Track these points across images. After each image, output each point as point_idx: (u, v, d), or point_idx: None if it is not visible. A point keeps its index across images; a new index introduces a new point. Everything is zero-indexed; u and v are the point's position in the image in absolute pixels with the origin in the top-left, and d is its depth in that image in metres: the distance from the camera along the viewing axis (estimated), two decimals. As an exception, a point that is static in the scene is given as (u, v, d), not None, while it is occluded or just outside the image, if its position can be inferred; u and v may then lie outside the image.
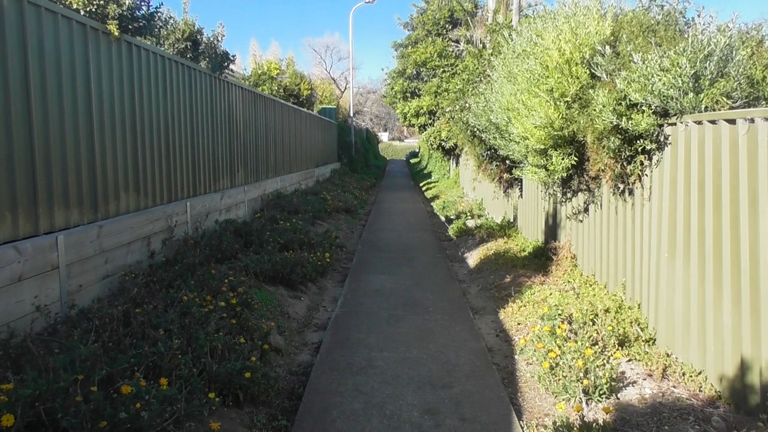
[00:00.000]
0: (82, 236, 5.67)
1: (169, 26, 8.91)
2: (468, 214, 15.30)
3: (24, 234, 4.94)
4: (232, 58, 10.38)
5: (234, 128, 11.22)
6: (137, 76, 7.05)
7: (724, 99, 4.68)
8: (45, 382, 3.51)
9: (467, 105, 12.86)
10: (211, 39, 9.80)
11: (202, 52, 9.55)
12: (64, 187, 5.54)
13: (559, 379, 4.89)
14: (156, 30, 7.74)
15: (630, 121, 5.36)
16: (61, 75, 5.52)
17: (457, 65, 23.12)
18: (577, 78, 6.46)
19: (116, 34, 6.36)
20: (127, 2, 6.56)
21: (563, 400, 4.75)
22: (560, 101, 6.58)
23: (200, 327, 5.11)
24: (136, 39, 7.03)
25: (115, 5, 6.40)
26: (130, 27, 6.74)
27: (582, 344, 5.13)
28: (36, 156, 5.12)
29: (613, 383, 4.67)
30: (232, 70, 14.60)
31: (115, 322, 4.83)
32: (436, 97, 24.26)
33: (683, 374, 4.73)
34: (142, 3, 6.97)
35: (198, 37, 9.41)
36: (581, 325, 5.64)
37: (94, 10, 6.23)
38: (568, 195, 8.09)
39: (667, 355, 5.04)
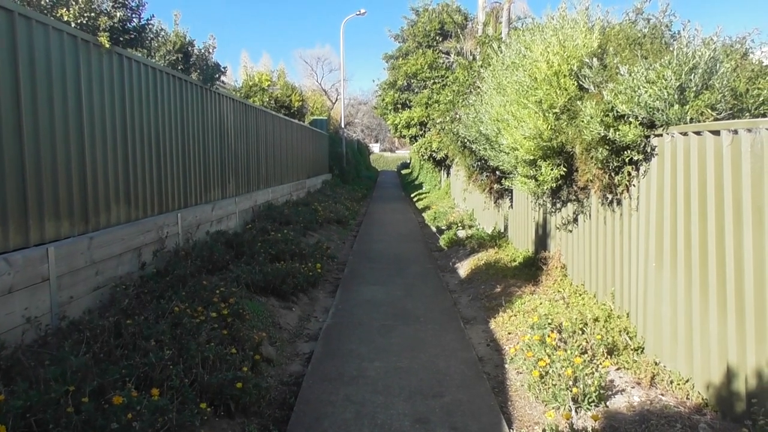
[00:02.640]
0: (73, 248, 5.66)
1: (160, 38, 8.94)
2: (459, 224, 15.37)
3: (14, 246, 4.93)
4: (223, 69, 10.42)
5: (225, 139, 11.24)
6: (128, 87, 7.07)
7: (709, 111, 4.76)
8: (36, 393, 3.51)
9: (457, 116, 12.96)
10: (202, 51, 9.84)
11: (193, 63, 9.59)
12: (54, 198, 5.54)
13: (548, 388, 4.92)
14: (147, 42, 7.78)
15: (617, 132, 5.44)
16: (51, 87, 5.53)
17: (447, 77, 23.27)
18: (566, 90, 6.54)
19: (107, 45, 6.39)
20: (118, 14, 6.59)
21: (553, 408, 4.78)
22: (549, 112, 6.66)
23: (192, 338, 5.11)
24: (127, 51, 7.05)
25: (106, 17, 6.43)
26: (121, 39, 6.77)
27: (571, 353, 5.17)
28: (26, 167, 5.11)
29: (601, 391, 4.71)
30: (223, 82, 14.66)
31: (106, 333, 4.84)
32: (426, 108, 24.38)
33: (671, 382, 4.78)
34: (134, 15, 7.02)
35: (189, 48, 9.45)
36: (571, 334, 5.69)
37: (85, 22, 6.26)
38: (558, 205, 8.16)
39: (655, 364, 5.09)
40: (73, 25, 6.13)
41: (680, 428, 4.14)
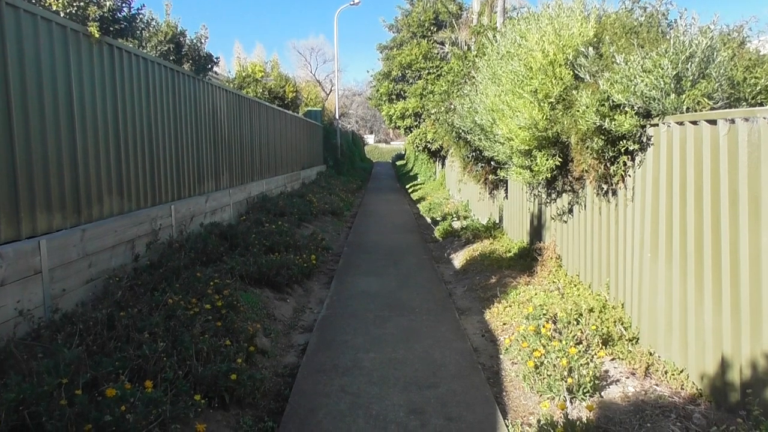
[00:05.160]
0: (65, 240, 5.62)
1: (151, 28, 8.85)
2: (454, 215, 15.35)
3: (6, 239, 4.89)
4: (216, 60, 10.33)
5: (218, 131, 11.17)
6: (119, 78, 7.00)
7: (706, 100, 4.73)
8: (29, 386, 3.49)
9: (452, 106, 12.91)
10: (195, 41, 9.75)
11: (186, 54, 9.50)
12: (46, 191, 5.49)
13: (543, 378, 4.92)
14: (138, 32, 7.68)
15: (613, 122, 5.41)
16: (41, 78, 5.46)
17: (442, 67, 23.21)
18: (561, 79, 6.50)
19: (97, 36, 6.31)
20: (107, 4, 6.50)
21: (548, 398, 4.78)
22: (544, 102, 6.63)
23: (185, 329, 5.09)
24: (117, 41, 6.97)
25: (95, 7, 6.35)
26: (111, 29, 6.68)
27: (566, 343, 5.16)
28: (17, 160, 5.06)
29: (596, 382, 4.71)
30: (216, 73, 14.57)
31: (99, 325, 4.80)
32: (421, 99, 24.31)
33: (665, 372, 4.78)
34: (124, 4, 6.92)
35: (181, 39, 9.36)
36: (566, 324, 5.68)
37: (74, 11, 6.18)
38: (553, 196, 8.14)
39: (650, 354, 5.09)
40: (62, 14, 6.05)
41: (675, 418, 4.15)
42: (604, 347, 5.32)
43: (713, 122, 4.29)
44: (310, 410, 4.70)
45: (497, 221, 12.44)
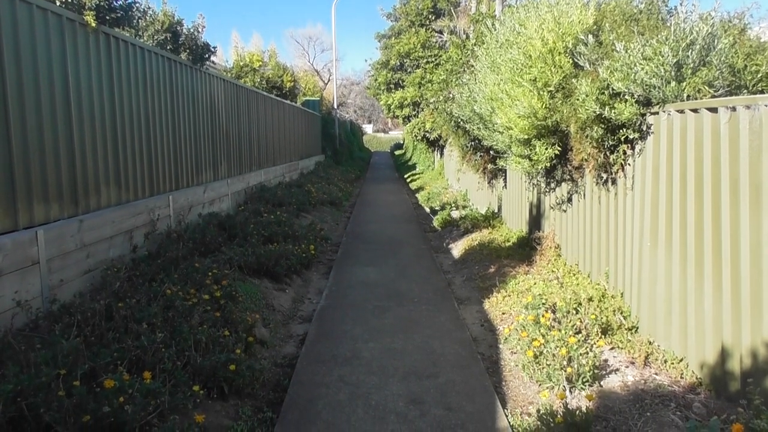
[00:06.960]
0: (63, 230, 5.59)
1: (147, 17, 8.77)
2: (452, 205, 15.33)
3: (3, 229, 4.86)
4: (213, 49, 10.26)
5: (216, 121, 11.12)
6: (116, 68, 6.94)
7: (706, 88, 4.70)
8: (27, 377, 3.48)
9: (451, 95, 12.86)
10: (192, 30, 9.67)
11: (183, 43, 9.43)
12: (43, 181, 5.46)
13: (543, 368, 4.92)
14: (134, 21, 7.61)
15: (613, 111, 5.38)
16: (37, 68, 5.41)
17: (440, 56, 23.11)
18: (560, 67, 6.46)
19: (93, 25, 6.25)
20: (104, -8, 6.44)
21: (547, 388, 4.78)
22: (543, 91, 6.59)
23: (184, 320, 5.08)
24: (114, 30, 6.91)
25: (92, -5, 6.29)
26: (107, 18, 6.62)
27: (565, 333, 5.16)
28: (13, 151, 5.02)
29: (596, 371, 4.71)
30: (213, 62, 14.48)
31: (97, 316, 4.79)
32: (419, 88, 24.22)
33: (665, 361, 4.77)
34: (120, -7, 6.86)
35: (178, 28, 9.28)
36: (565, 314, 5.67)
37: (70, 0, 6.11)
38: (552, 185, 8.12)
39: (650, 343, 5.09)
40: (57, 3, 5.98)
41: (674, 407, 4.15)
42: (603, 336, 5.32)
43: (714, 110, 4.26)
44: (309, 400, 4.70)
45: (496, 210, 12.42)
